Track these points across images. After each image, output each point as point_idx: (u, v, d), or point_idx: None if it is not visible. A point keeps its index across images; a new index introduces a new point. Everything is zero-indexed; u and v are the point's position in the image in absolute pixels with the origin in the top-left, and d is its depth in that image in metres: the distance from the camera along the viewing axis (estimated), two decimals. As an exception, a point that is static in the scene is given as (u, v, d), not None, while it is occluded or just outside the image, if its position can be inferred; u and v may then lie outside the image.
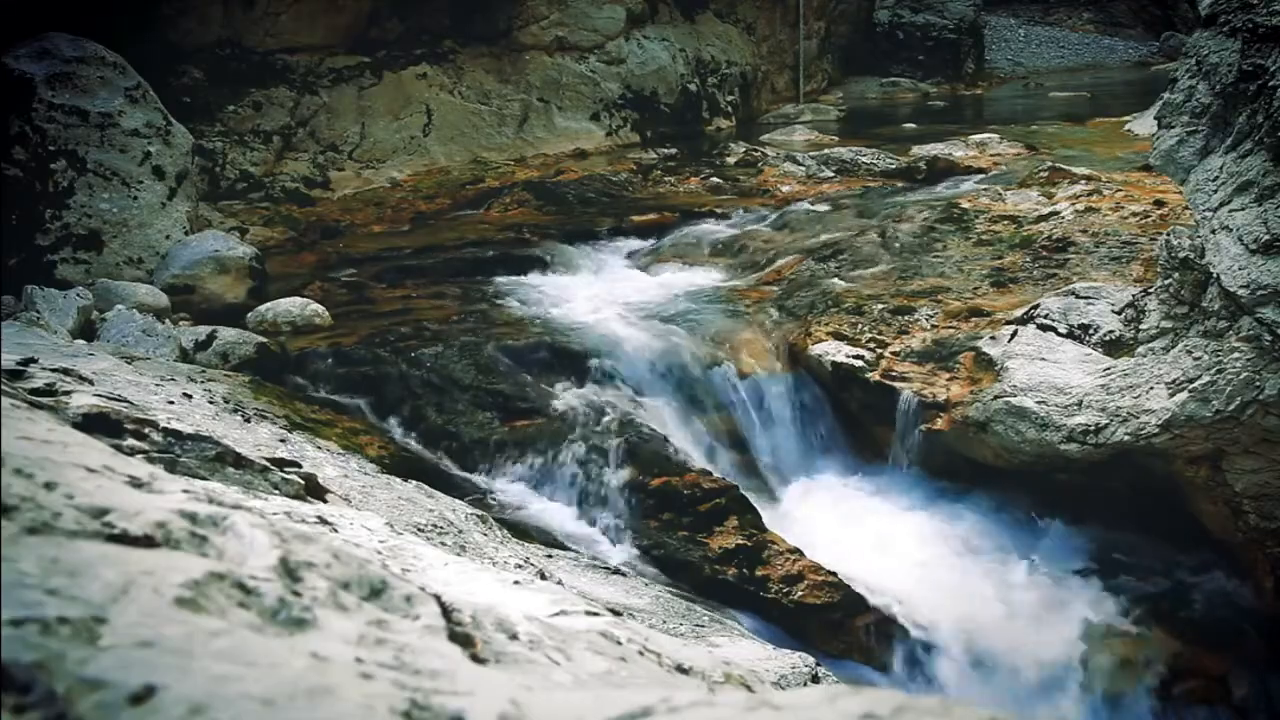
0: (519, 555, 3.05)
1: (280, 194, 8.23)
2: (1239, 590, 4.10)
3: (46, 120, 5.94)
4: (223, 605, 0.85)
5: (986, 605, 4.09)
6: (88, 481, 1.07)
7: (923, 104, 13.86)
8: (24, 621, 0.72)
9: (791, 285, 5.96)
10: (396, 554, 1.63)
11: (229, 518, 1.06)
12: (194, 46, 8.36)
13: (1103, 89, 14.52)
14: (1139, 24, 18.93)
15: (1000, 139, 9.48)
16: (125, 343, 4.85)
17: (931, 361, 4.89)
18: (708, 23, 11.89)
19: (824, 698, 0.75)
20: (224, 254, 5.97)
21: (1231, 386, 3.71)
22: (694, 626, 3.15)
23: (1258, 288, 3.56)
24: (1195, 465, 4.00)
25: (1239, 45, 3.82)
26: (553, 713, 0.77)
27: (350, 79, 9.06)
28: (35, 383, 2.24)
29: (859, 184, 8.29)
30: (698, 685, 1.46)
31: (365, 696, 0.73)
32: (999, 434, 4.38)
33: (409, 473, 4.03)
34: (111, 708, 0.66)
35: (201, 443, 2.12)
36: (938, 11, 15.22)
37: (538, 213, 7.88)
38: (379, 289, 6.25)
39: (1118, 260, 5.50)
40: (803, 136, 11.03)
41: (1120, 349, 4.46)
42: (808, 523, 4.53)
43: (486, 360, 5.03)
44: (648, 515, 4.29)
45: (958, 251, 6.06)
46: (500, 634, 1.13)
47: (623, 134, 10.52)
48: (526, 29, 10.09)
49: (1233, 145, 3.80)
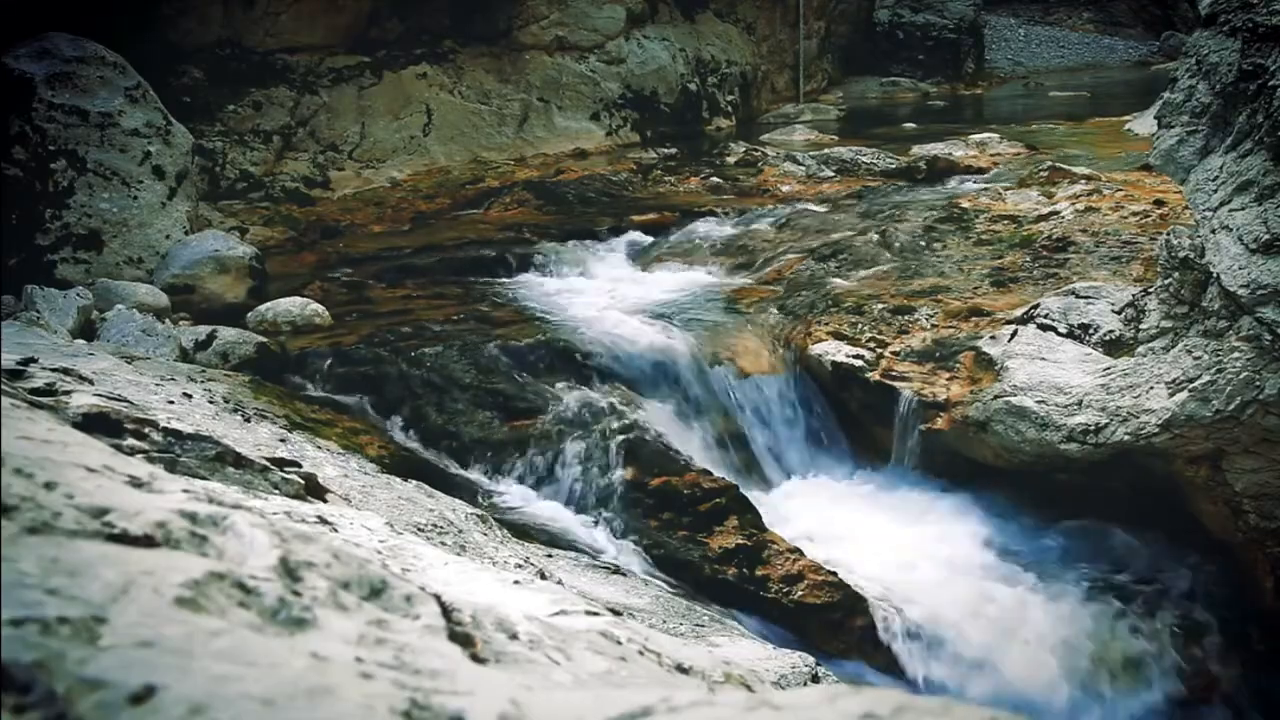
0: (519, 555, 3.05)
1: (280, 194, 8.23)
2: (1239, 590, 4.10)
3: (46, 120, 5.94)
4: (223, 605, 0.85)
5: (986, 605, 4.09)
6: (88, 481, 1.07)
7: (923, 104, 13.86)
8: (24, 621, 0.72)
9: (791, 285, 5.96)
10: (396, 554, 1.63)
11: (229, 517, 1.06)
12: (194, 46, 8.36)
13: (1103, 89, 14.52)
14: (1139, 24, 18.93)
15: (1000, 139, 9.48)
16: (125, 342, 4.85)
17: (931, 361, 4.89)
18: (708, 22, 11.89)
19: (824, 697, 0.75)
20: (224, 254, 5.97)
21: (1231, 386, 3.71)
22: (694, 626, 3.15)
23: (1258, 287, 3.56)
24: (1195, 465, 4.00)
25: (1239, 45, 3.82)
26: (553, 712, 0.77)
27: (350, 79, 9.05)
28: (35, 382, 2.24)
29: (859, 184, 8.29)
30: (698, 685, 1.46)
31: (365, 696, 0.73)
32: (999, 434, 4.38)
33: (409, 472, 4.03)
34: (111, 708, 0.66)
35: (201, 442, 2.12)
36: (938, 11, 15.22)
37: (538, 212, 7.88)
38: (379, 289, 6.25)
39: (1118, 260, 5.50)
40: (803, 136, 11.03)
41: (1120, 349, 4.45)
42: (808, 522, 4.53)
43: (486, 360, 5.03)
44: (648, 515, 4.28)
45: (958, 251, 6.06)
46: (500, 634, 1.13)
47: (623, 134, 10.52)
48: (526, 29, 10.09)
49: (1233, 145, 3.80)
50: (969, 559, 4.32)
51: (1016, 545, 4.39)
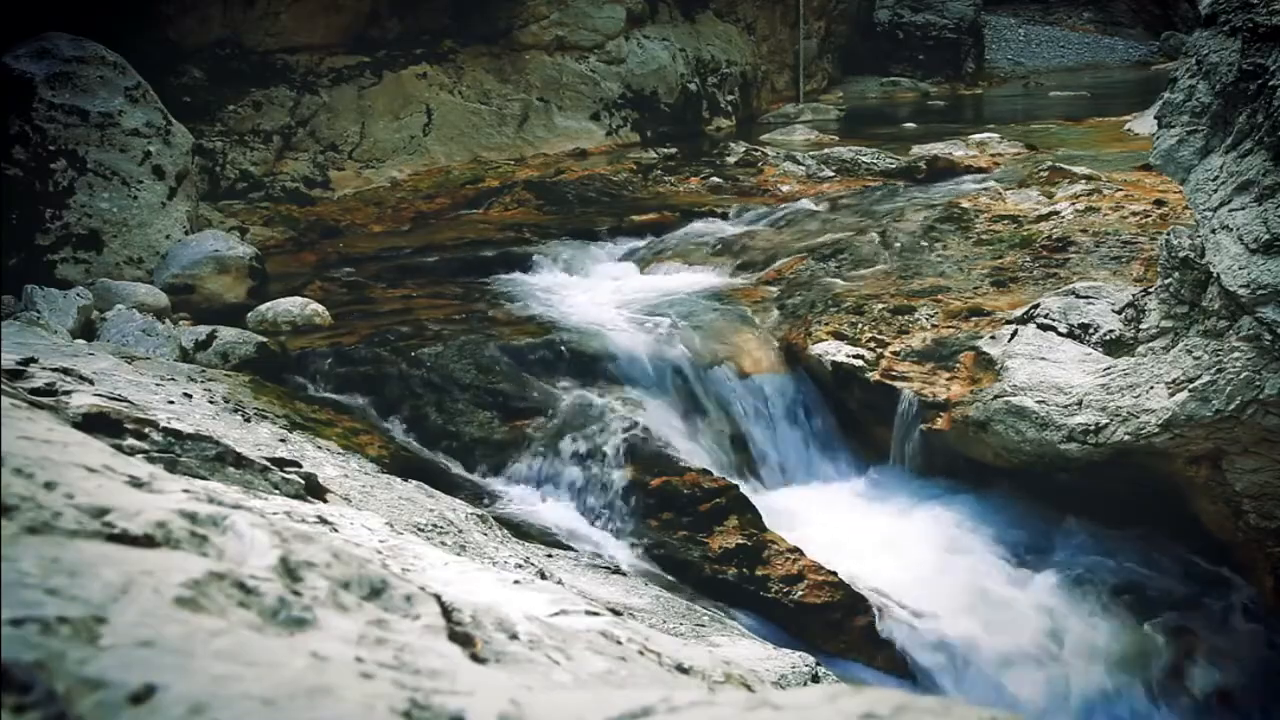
0: (519, 555, 3.05)
1: (280, 194, 8.23)
2: (1239, 590, 4.10)
3: (46, 120, 5.94)
4: (223, 605, 0.85)
5: (986, 605, 4.09)
6: (88, 481, 1.07)
7: (923, 103, 13.86)
8: (24, 621, 0.72)
9: (791, 285, 5.96)
10: (396, 554, 1.63)
11: (229, 517, 1.06)
12: (194, 46, 8.36)
13: (1102, 89, 14.51)
14: (1139, 24, 18.93)
15: (1000, 139, 9.48)
16: (125, 342, 4.85)
17: (931, 361, 4.89)
18: (708, 22, 11.89)
19: (824, 697, 0.75)
20: (224, 254, 5.97)
21: (1232, 386, 3.71)
22: (694, 626, 3.15)
23: (1258, 287, 3.56)
24: (1195, 465, 4.00)
25: (1239, 45, 3.81)
26: (553, 712, 0.77)
27: (350, 79, 9.05)
28: (35, 382, 2.24)
29: (859, 184, 8.28)
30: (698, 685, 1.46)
31: (365, 696, 0.73)
32: (999, 433, 4.38)
33: (409, 472, 4.03)
34: (111, 707, 0.66)
35: (201, 442, 2.12)
36: (938, 11, 15.22)
37: (538, 212, 7.87)
38: (379, 289, 6.25)
39: (1118, 260, 5.50)
40: (803, 136, 11.03)
41: (1120, 348, 4.45)
42: (808, 522, 4.53)
43: (486, 360, 5.03)
44: (648, 515, 4.29)
45: (958, 251, 6.06)
46: (500, 633, 1.13)
47: (623, 134, 10.52)
48: (526, 29, 10.09)
49: (1233, 145, 3.80)
50: (969, 559, 4.32)
51: (1016, 545, 4.39)
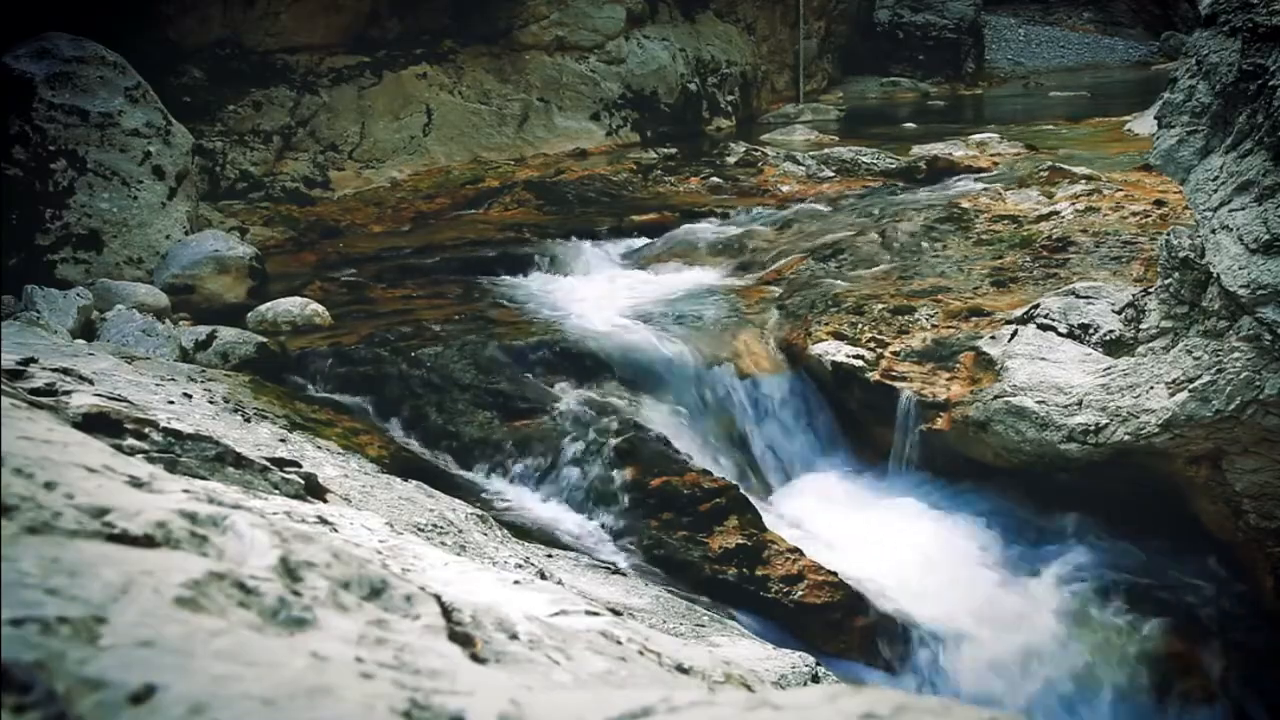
0: (519, 555, 3.05)
1: (280, 194, 8.23)
2: (1239, 590, 4.10)
3: (46, 120, 5.94)
4: (223, 605, 0.85)
5: (986, 605, 4.09)
6: (88, 481, 1.07)
7: (923, 104, 13.86)
8: (24, 621, 0.72)
9: (791, 285, 5.96)
10: (396, 554, 1.63)
11: (229, 517, 1.06)
12: (194, 46, 8.36)
13: (1102, 89, 14.51)
14: (1139, 24, 18.92)
15: (1000, 139, 9.48)
16: (125, 342, 4.85)
17: (931, 361, 4.89)
18: (708, 22, 11.89)
19: (824, 697, 0.75)
20: (224, 254, 5.97)
21: (1231, 386, 3.71)
22: (694, 626, 3.15)
23: (1258, 287, 3.56)
24: (1195, 465, 4.00)
25: (1239, 45, 3.81)
26: (553, 712, 0.77)
27: (350, 79, 9.05)
28: (35, 382, 2.24)
29: (859, 184, 8.28)
30: (698, 685, 1.46)
31: (365, 696, 0.73)
32: (999, 434, 4.38)
33: (409, 472, 4.03)
34: (111, 707, 0.66)
35: (201, 442, 2.12)
36: (938, 11, 15.21)
37: (538, 212, 7.87)
38: (379, 289, 6.25)
39: (1118, 260, 5.50)
40: (803, 136, 11.03)
41: (1120, 349, 4.45)
42: (808, 522, 4.53)
43: (486, 360, 5.02)
44: (648, 515, 4.28)
45: (958, 251, 6.06)
46: (500, 634, 1.13)
47: (623, 134, 10.52)
48: (526, 29, 10.09)
49: (1233, 145, 3.80)
50: (969, 559, 4.32)
51: (1016, 545, 4.39)
